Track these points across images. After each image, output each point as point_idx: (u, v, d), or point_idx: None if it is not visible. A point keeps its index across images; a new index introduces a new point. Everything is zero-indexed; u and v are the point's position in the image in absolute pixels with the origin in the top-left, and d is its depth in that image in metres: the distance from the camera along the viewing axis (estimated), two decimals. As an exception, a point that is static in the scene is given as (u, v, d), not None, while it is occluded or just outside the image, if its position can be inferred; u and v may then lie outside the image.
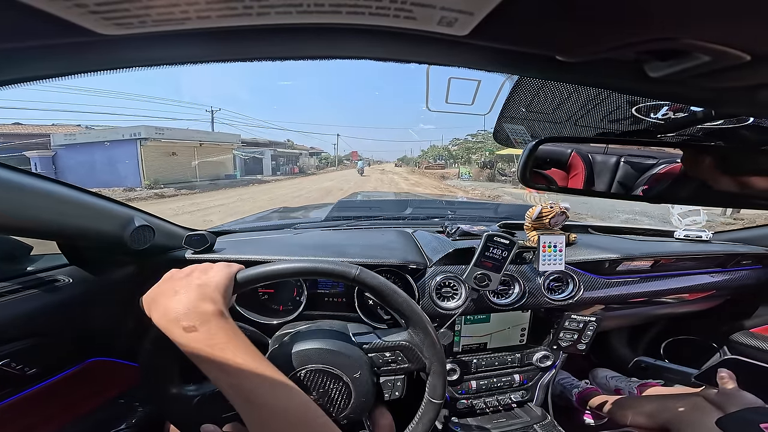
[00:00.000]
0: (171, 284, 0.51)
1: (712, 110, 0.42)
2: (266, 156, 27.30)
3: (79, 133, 16.48)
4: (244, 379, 0.45)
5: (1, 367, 0.63)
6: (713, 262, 1.26)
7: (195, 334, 0.45)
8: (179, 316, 0.46)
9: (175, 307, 0.46)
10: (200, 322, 0.46)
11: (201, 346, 0.45)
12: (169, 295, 0.49)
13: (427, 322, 0.62)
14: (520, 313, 1.12)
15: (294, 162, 33.95)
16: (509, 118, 0.57)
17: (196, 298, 0.48)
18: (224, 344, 0.46)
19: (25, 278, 0.73)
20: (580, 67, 0.25)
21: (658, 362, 1.13)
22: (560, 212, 1.09)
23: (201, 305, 0.47)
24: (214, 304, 0.48)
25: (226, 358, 0.45)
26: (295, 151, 35.43)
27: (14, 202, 0.58)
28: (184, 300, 0.47)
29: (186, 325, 0.45)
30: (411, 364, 0.65)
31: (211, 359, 0.45)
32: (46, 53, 0.23)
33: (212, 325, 0.46)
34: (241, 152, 23.88)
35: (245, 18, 0.20)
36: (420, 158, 61.17)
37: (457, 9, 0.19)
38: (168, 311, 0.47)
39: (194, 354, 0.45)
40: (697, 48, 0.21)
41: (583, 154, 0.67)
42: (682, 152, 0.56)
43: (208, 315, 0.47)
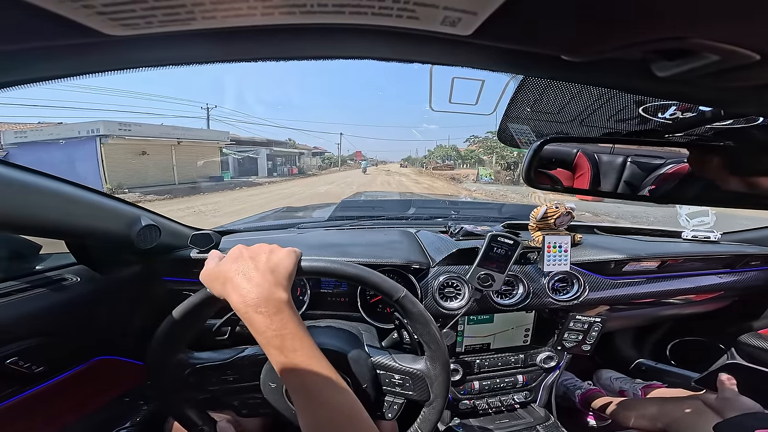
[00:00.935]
0: (242, 264, 0.51)
1: (721, 110, 0.41)
2: (262, 156, 25.43)
3: (31, 130, 14.04)
4: (308, 373, 0.47)
5: (9, 365, 0.64)
6: (722, 263, 1.24)
7: (270, 321, 0.47)
8: (259, 302, 0.47)
9: (255, 292, 0.48)
10: (276, 310, 0.47)
11: (274, 334, 0.46)
12: (243, 277, 0.49)
13: (447, 360, 0.62)
14: (524, 314, 1.11)
15: (293, 162, 32.22)
16: (514, 117, 0.57)
17: (273, 285, 0.49)
18: (294, 335, 0.47)
19: (34, 277, 0.74)
20: (586, 67, 0.25)
21: (659, 365, 1.12)
22: (566, 212, 1.08)
23: (277, 293, 0.48)
24: (286, 293, 0.50)
25: (294, 348, 0.47)
26: (294, 151, 33.21)
27: (23, 201, 0.59)
28: (262, 285, 0.48)
29: (264, 311, 0.47)
30: (415, 393, 0.64)
31: (281, 348, 0.46)
32: (54, 54, 0.23)
33: (285, 314, 0.48)
34: (233, 151, 22.41)
35: (249, 18, 0.20)
36: (426, 158, 58.47)
37: (460, 9, 0.19)
38: (248, 296, 0.48)
39: (265, 340, 0.47)
40: (706, 47, 0.20)
41: (588, 153, 0.67)
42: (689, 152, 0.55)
43: (282, 304, 0.48)
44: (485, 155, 31.96)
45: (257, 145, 26.07)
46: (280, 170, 28.56)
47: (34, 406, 0.72)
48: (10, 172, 0.57)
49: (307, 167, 36.65)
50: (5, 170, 0.57)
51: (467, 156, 45.31)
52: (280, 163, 29.05)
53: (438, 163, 46.93)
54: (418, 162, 67.67)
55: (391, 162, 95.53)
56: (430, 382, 0.63)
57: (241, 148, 23.84)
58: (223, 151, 20.95)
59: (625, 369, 1.48)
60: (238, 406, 0.65)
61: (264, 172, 25.37)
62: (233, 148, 22.63)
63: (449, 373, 0.63)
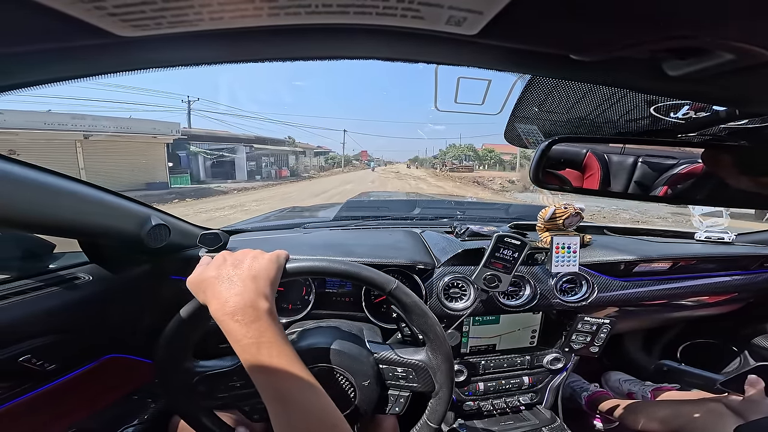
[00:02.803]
0: (224, 271, 0.51)
1: (736, 109, 0.40)
2: (239, 155, 20.21)
3: None
4: (283, 379, 0.46)
5: (23, 363, 0.65)
6: (736, 264, 1.22)
7: (246, 329, 0.46)
8: (236, 310, 0.47)
9: (233, 300, 0.47)
10: (253, 318, 0.47)
11: (250, 342, 0.46)
12: (224, 283, 0.49)
13: (448, 349, 0.62)
14: (531, 315, 1.10)
15: (283, 162, 26.80)
16: (521, 117, 0.56)
17: (253, 293, 0.48)
18: (271, 343, 0.47)
19: (48, 275, 0.75)
20: (595, 66, 0.25)
21: (683, 366, 1.09)
22: (575, 213, 1.07)
23: (257, 301, 0.48)
24: (267, 301, 0.49)
25: (270, 355, 0.46)
26: (284, 149, 26.98)
27: (38, 200, 0.60)
28: (241, 293, 0.48)
29: (241, 319, 0.47)
30: (420, 384, 0.64)
31: (255, 356, 0.46)
32: (67, 55, 0.23)
33: (263, 322, 0.47)
34: (203, 150, 17.88)
35: (256, 19, 0.20)
36: (438, 159, 52.16)
37: (465, 8, 0.19)
38: (226, 304, 0.47)
39: (241, 348, 0.47)
40: (720, 46, 0.20)
41: (598, 154, 0.65)
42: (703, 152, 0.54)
43: (261, 312, 0.48)
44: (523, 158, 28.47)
45: (231, 141, 20.62)
46: (266, 172, 23.17)
47: (46, 403, 0.73)
48: (25, 172, 0.59)
49: (305, 168, 31.80)
50: (20, 170, 0.58)
51: (485, 156, 41.23)
52: (266, 164, 23.85)
53: (455, 164, 41.03)
54: (428, 162, 62.10)
55: (397, 162, 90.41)
56: (432, 372, 0.63)
57: (216, 146, 19.25)
58: (191, 149, 16.98)
59: (634, 371, 1.46)
60: (249, 412, 0.66)
61: (243, 175, 20.30)
62: (204, 146, 18.31)
63: (452, 362, 0.62)
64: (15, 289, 0.67)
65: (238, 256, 0.54)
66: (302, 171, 30.21)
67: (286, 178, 23.96)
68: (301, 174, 28.58)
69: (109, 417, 0.91)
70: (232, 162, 20.10)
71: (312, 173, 31.13)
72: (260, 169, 22.74)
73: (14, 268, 0.76)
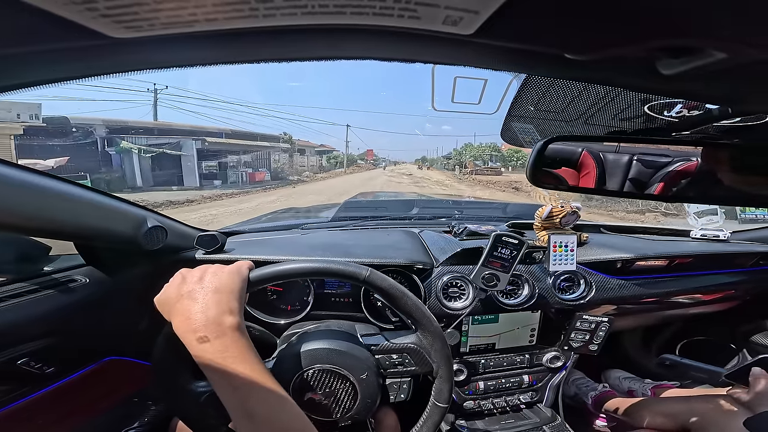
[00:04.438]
0: (186, 287, 0.50)
1: (729, 108, 0.40)
2: (188, 151, 14.65)
3: None
4: (249, 394, 0.45)
5: (21, 366, 0.65)
6: (732, 262, 1.23)
7: (209, 345, 0.45)
8: (198, 327, 0.46)
9: (196, 317, 0.47)
10: (217, 334, 0.46)
11: (213, 357, 0.45)
12: (187, 301, 0.48)
13: (436, 326, 0.62)
14: (529, 313, 1.10)
15: (263, 162, 20.62)
16: (517, 117, 0.56)
17: (216, 309, 0.47)
18: (235, 358, 0.46)
19: (44, 278, 0.75)
20: (589, 65, 0.25)
21: (685, 360, 1.09)
22: (571, 212, 1.07)
23: (220, 317, 0.47)
24: (233, 316, 0.48)
25: (235, 371, 0.45)
26: (263, 144, 20.57)
27: (33, 203, 0.60)
28: (204, 310, 0.47)
29: (203, 335, 0.46)
30: (418, 367, 0.64)
31: (221, 371, 0.45)
32: (59, 57, 0.23)
33: (227, 338, 0.46)
34: (139, 146, 13.33)
35: (251, 20, 0.20)
36: (449, 159, 45.18)
37: (462, 8, 0.19)
38: (188, 321, 0.47)
39: (205, 364, 0.46)
40: (712, 45, 0.20)
41: (594, 152, 0.66)
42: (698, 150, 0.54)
43: (226, 328, 0.47)
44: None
45: (167, 134, 14.96)
46: (234, 175, 17.47)
47: (45, 407, 0.73)
48: (20, 175, 0.58)
49: (297, 169, 26.18)
50: (15, 173, 0.58)
51: (510, 157, 35.35)
52: (234, 163, 18.14)
53: (478, 165, 34.68)
54: (439, 163, 56.01)
55: (403, 162, 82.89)
56: (426, 352, 0.63)
57: (160, 141, 14.38)
58: (122, 145, 12.82)
59: (634, 369, 1.47)
60: None
61: (193, 179, 14.99)
62: (140, 139, 13.78)
63: (443, 338, 0.62)
64: (11, 292, 0.67)
65: (196, 273, 0.53)
66: (292, 173, 24.13)
67: (262, 183, 17.97)
68: (288, 177, 22.11)
69: (110, 420, 0.91)
70: (178, 160, 14.56)
71: (306, 175, 25.10)
72: (226, 172, 17.31)
73: (10, 271, 0.76)
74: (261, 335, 0.96)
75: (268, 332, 0.97)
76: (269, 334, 0.97)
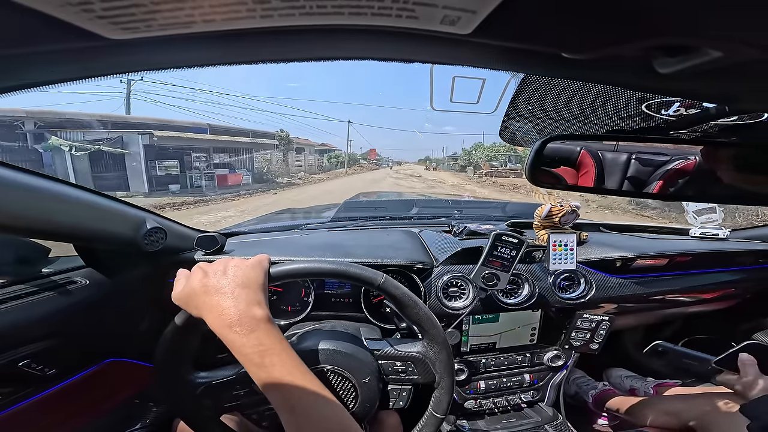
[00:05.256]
0: (211, 282, 0.50)
1: (726, 106, 0.40)
2: (133, 148, 11.90)
3: None
4: (289, 387, 0.46)
5: (23, 368, 0.65)
6: (731, 260, 1.23)
7: (246, 339, 0.46)
8: (233, 321, 0.47)
9: (229, 311, 0.47)
10: (251, 327, 0.47)
11: (251, 352, 0.46)
12: (216, 295, 0.49)
13: (444, 338, 0.62)
14: (530, 313, 1.10)
15: (244, 161, 17.13)
16: (516, 116, 0.56)
17: (246, 303, 0.48)
18: (272, 350, 0.47)
19: (44, 280, 0.75)
20: (586, 64, 0.25)
21: (678, 348, 1.09)
22: (570, 211, 1.07)
23: (252, 310, 0.48)
24: (261, 308, 0.49)
25: (273, 364, 0.46)
26: (242, 141, 17.12)
27: (32, 204, 0.60)
28: (236, 304, 0.48)
29: (239, 330, 0.46)
30: (420, 376, 0.64)
31: (259, 366, 0.46)
32: (57, 58, 0.23)
33: (261, 331, 0.47)
34: (73, 142, 10.78)
35: (249, 21, 0.20)
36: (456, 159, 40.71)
37: (459, 7, 0.19)
38: (222, 316, 0.47)
39: (244, 358, 0.47)
40: (708, 44, 0.20)
41: (592, 151, 0.66)
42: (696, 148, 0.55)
43: (258, 321, 0.48)
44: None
45: (122, 127, 12.29)
46: (197, 179, 13.88)
47: (47, 408, 0.73)
48: (20, 176, 0.58)
49: (296, 168, 23.20)
50: (15, 174, 0.58)
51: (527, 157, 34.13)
52: (202, 162, 14.21)
53: (494, 166, 30.18)
54: (444, 163, 52.43)
55: (406, 162, 78.78)
56: (431, 362, 0.63)
57: (98, 135, 11.64)
58: (51, 142, 10.40)
59: (635, 367, 1.47)
60: (258, 420, 0.65)
61: (140, 183, 12.16)
62: (76, 135, 11.28)
63: (449, 350, 0.63)
64: (10, 294, 0.67)
65: (217, 266, 0.53)
66: (283, 174, 19.97)
67: (237, 188, 14.54)
68: (275, 179, 18.14)
69: (112, 421, 0.91)
70: (122, 159, 11.63)
71: (300, 177, 21.12)
72: (189, 174, 13.67)
73: (9, 273, 0.76)
74: None
75: None
76: None
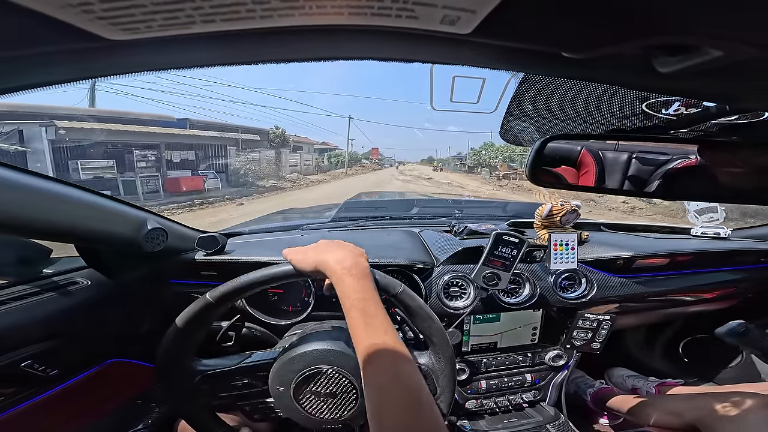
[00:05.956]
0: (326, 244, 0.60)
1: (726, 106, 0.40)
2: (36, 144, 9.19)
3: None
4: (378, 342, 0.50)
5: (24, 369, 0.65)
6: (733, 260, 1.22)
7: (357, 283, 0.54)
8: (351, 265, 0.55)
9: (348, 258, 0.56)
10: (362, 275, 0.55)
11: (359, 297, 0.53)
12: (331, 246, 0.59)
13: (452, 354, 0.63)
14: (531, 312, 1.10)
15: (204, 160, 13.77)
16: (516, 115, 0.56)
17: (359, 255, 0.58)
18: (374, 301, 0.54)
19: (46, 281, 0.75)
20: (586, 64, 0.25)
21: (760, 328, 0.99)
22: (571, 210, 1.07)
23: (362, 261, 0.57)
24: (366, 260, 0.58)
25: (374, 314, 0.52)
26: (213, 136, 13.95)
27: (34, 205, 0.60)
28: (350, 253, 0.57)
29: (355, 273, 0.54)
30: None
31: (362, 312, 0.52)
32: (57, 59, 0.23)
33: (368, 281, 0.55)
34: None
35: (249, 21, 0.20)
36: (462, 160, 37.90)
37: (459, 7, 0.19)
38: (343, 260, 0.55)
39: (350, 303, 0.52)
40: (708, 43, 0.20)
41: (593, 151, 0.66)
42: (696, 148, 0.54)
43: (367, 270, 0.56)
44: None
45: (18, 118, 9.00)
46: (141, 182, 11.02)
47: (49, 409, 0.73)
48: (21, 177, 0.58)
49: (291, 168, 20.36)
50: (17, 175, 0.58)
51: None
52: (143, 162, 11.41)
53: (513, 168, 26.44)
54: (450, 164, 49.14)
55: (409, 162, 76.23)
56: (435, 376, 0.63)
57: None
58: None
59: (637, 366, 1.46)
60: (250, 411, 0.66)
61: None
62: None
63: (455, 366, 0.63)
64: (12, 295, 0.67)
65: (328, 240, 0.63)
66: (269, 175, 16.58)
67: (199, 194, 11.60)
68: (256, 183, 14.77)
69: (113, 422, 0.91)
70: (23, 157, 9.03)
71: (292, 178, 17.83)
72: (123, 175, 10.78)
73: (11, 274, 0.76)
74: (263, 336, 0.96)
75: (269, 333, 0.97)
76: (270, 335, 0.97)
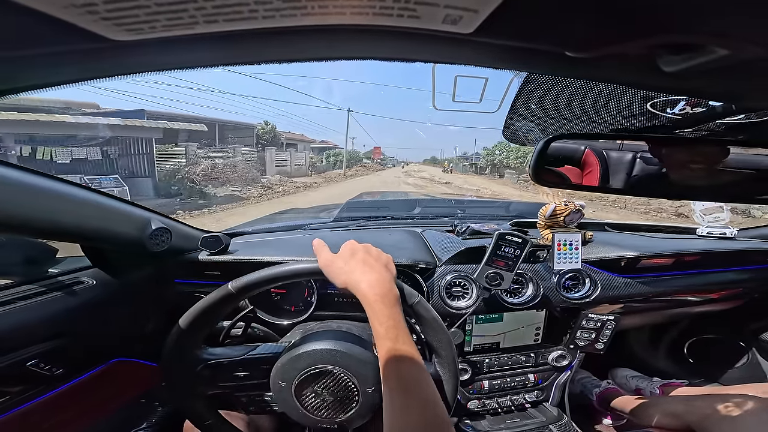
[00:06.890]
0: (359, 257, 0.58)
1: (732, 105, 0.40)
2: None
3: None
4: (408, 368, 0.51)
5: (31, 368, 0.66)
6: (739, 260, 1.21)
7: (390, 312, 0.53)
8: (383, 293, 0.54)
9: (380, 285, 0.55)
10: (393, 302, 0.55)
11: (391, 325, 0.52)
12: (368, 269, 0.57)
13: (457, 369, 0.63)
14: (534, 312, 1.10)
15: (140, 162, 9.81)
16: (519, 115, 0.56)
17: (390, 280, 0.57)
18: (403, 329, 0.53)
19: (52, 280, 0.75)
20: (590, 63, 0.25)
21: None
22: (575, 210, 1.06)
23: (393, 288, 0.56)
24: (396, 289, 0.57)
25: (404, 342, 0.52)
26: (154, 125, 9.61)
27: (38, 205, 0.61)
28: (383, 280, 0.56)
29: (387, 302, 0.54)
30: None
31: (394, 340, 0.51)
32: (61, 60, 0.24)
33: (398, 308, 0.55)
34: None
35: (251, 21, 0.21)
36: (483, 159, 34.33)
37: (461, 6, 0.19)
38: (375, 287, 0.54)
39: (384, 331, 0.52)
40: (714, 41, 0.20)
41: (597, 150, 0.65)
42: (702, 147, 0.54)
43: (397, 299, 0.56)
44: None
45: None
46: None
47: (55, 408, 0.73)
48: (26, 176, 0.59)
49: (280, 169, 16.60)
50: (20, 174, 0.58)
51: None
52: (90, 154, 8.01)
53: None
54: (459, 164, 45.48)
55: (411, 162, 72.63)
56: (439, 386, 0.63)
57: None
58: None
59: (641, 367, 1.45)
60: (247, 403, 0.66)
61: None
62: None
63: (458, 379, 0.63)
64: (19, 294, 0.68)
65: (361, 246, 0.61)
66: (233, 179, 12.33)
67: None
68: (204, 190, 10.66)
69: (118, 420, 0.92)
70: None
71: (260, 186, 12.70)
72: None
73: (17, 273, 0.77)
74: (265, 336, 0.96)
75: (272, 332, 0.97)
76: (273, 335, 0.97)
